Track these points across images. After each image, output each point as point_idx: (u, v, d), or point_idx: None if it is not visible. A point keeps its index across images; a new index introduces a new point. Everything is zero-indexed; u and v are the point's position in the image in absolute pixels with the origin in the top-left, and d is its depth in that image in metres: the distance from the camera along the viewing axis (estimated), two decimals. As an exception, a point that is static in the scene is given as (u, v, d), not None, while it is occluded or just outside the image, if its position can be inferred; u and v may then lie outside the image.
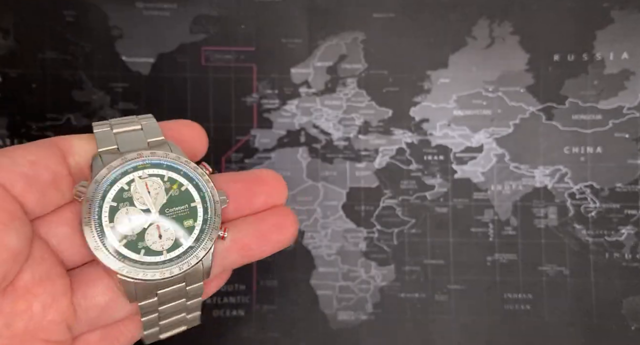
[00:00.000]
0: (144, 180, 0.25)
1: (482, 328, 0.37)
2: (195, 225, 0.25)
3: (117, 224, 0.24)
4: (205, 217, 0.25)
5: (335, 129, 0.38)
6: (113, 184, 0.25)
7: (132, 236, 0.24)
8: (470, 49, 0.38)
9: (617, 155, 0.37)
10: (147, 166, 0.25)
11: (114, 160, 0.25)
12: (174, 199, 0.25)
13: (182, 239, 0.25)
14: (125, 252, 0.24)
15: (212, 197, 0.26)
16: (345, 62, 0.39)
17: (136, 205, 0.25)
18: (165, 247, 0.24)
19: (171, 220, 0.25)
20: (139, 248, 0.24)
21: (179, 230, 0.25)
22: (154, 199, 0.25)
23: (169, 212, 0.25)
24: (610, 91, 0.38)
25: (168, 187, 0.25)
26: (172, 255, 0.25)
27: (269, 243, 0.27)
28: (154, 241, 0.24)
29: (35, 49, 0.37)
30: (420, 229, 0.38)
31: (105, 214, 0.24)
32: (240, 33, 0.38)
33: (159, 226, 0.25)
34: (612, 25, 0.38)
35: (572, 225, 0.37)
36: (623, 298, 0.37)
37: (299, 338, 0.37)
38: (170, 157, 0.26)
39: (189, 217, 0.25)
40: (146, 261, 0.24)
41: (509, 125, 0.38)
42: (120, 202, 0.24)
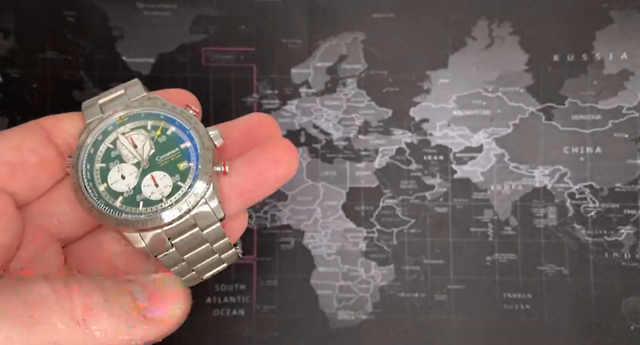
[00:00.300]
0: (128, 136, 0.25)
1: (482, 328, 0.37)
2: (191, 165, 0.24)
3: (112, 184, 0.24)
4: (197, 153, 0.25)
5: (335, 129, 0.38)
6: (98, 146, 0.24)
7: (128, 192, 0.24)
8: (470, 49, 0.38)
9: (617, 155, 0.37)
10: (125, 120, 0.25)
11: (92, 123, 0.25)
12: (162, 145, 0.25)
13: (180, 182, 0.24)
14: (124, 208, 0.24)
15: (197, 132, 0.25)
16: (345, 63, 0.39)
17: (126, 162, 0.24)
18: (165, 194, 0.24)
19: (165, 166, 0.24)
20: (137, 201, 0.24)
21: (175, 174, 0.24)
22: (142, 151, 0.24)
23: (160, 159, 0.24)
24: (610, 91, 0.38)
25: (153, 136, 0.25)
26: (172, 200, 0.24)
27: (266, 181, 0.26)
28: (152, 191, 0.24)
29: (35, 49, 0.37)
30: (420, 228, 0.38)
31: (96, 175, 0.24)
32: (240, 33, 0.38)
33: (154, 176, 0.24)
34: (611, 25, 0.38)
35: (572, 225, 0.37)
36: (622, 298, 0.37)
37: (299, 338, 0.37)
38: (145, 105, 0.25)
39: (182, 159, 0.24)
40: (146, 211, 0.24)
41: (508, 125, 0.38)
42: (110, 162, 0.24)
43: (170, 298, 0.22)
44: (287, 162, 0.26)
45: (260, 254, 0.38)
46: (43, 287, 0.19)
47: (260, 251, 0.38)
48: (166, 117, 0.25)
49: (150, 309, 0.22)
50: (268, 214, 0.38)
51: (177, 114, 0.25)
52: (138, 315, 0.21)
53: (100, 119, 0.25)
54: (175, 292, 0.22)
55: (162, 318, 0.22)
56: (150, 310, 0.22)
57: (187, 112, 0.25)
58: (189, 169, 0.24)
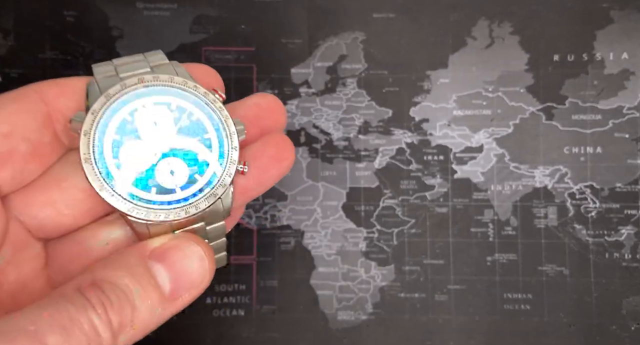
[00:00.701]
0: (149, 109, 0.22)
1: (482, 328, 0.37)
2: (210, 158, 0.23)
3: (123, 161, 0.22)
4: (222, 150, 0.23)
5: (335, 129, 0.38)
6: (113, 114, 0.22)
7: (140, 173, 0.22)
8: (470, 49, 0.38)
9: (617, 155, 0.37)
10: (151, 93, 0.23)
11: (111, 87, 0.22)
12: (184, 130, 0.23)
13: (197, 175, 0.23)
14: (134, 191, 0.22)
15: (227, 128, 0.23)
16: (345, 62, 0.39)
17: (142, 139, 0.22)
18: (179, 184, 0.22)
19: (183, 153, 0.22)
20: (150, 186, 0.22)
21: (192, 164, 0.23)
22: (162, 130, 0.22)
23: (180, 144, 0.22)
24: (610, 91, 0.38)
25: (177, 117, 0.23)
26: (187, 193, 0.22)
27: (269, 179, 0.25)
28: (165, 178, 0.22)
29: (35, 49, 0.37)
30: (420, 229, 0.38)
31: (107, 148, 0.22)
32: (240, 33, 0.38)
33: (170, 161, 0.22)
34: (611, 25, 0.38)
35: (572, 225, 0.37)
36: (623, 298, 0.37)
37: (299, 338, 0.37)
38: (176, 82, 0.23)
39: (203, 150, 0.23)
40: (158, 200, 0.22)
41: (508, 125, 0.38)
42: (124, 135, 0.22)
43: (195, 270, 0.21)
44: (289, 158, 0.25)
45: (260, 254, 0.38)
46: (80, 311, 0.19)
47: (260, 251, 0.38)
48: (196, 103, 0.23)
49: (177, 292, 0.21)
50: (268, 214, 0.38)
51: (209, 102, 0.23)
52: (165, 303, 0.21)
53: (116, 80, 0.22)
54: (199, 259, 0.22)
55: (189, 293, 0.21)
56: (177, 293, 0.21)
57: (218, 102, 0.23)
58: (209, 163, 0.23)
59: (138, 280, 0.20)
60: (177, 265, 0.21)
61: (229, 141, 0.23)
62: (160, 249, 0.21)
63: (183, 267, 0.21)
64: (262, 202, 0.38)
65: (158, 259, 0.21)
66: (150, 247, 0.21)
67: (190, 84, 0.23)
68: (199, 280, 0.22)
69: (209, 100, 0.23)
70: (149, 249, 0.21)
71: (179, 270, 0.21)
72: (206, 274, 0.22)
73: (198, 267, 0.22)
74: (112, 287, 0.19)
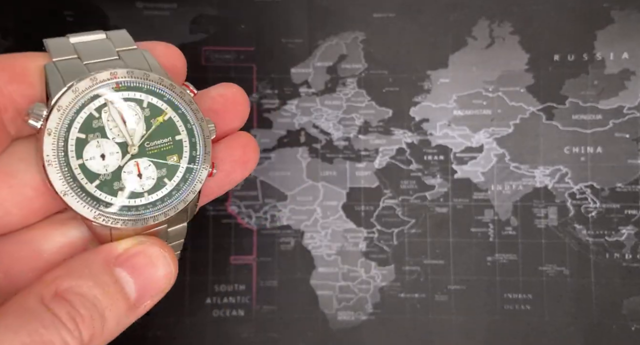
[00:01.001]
0: (119, 106, 0.21)
1: (482, 328, 0.37)
2: (181, 162, 0.21)
3: (87, 161, 0.20)
4: (193, 153, 0.22)
5: (335, 129, 0.38)
6: (80, 110, 0.20)
7: (106, 175, 0.20)
8: (470, 49, 0.38)
9: (618, 155, 0.37)
10: (123, 88, 0.21)
11: (81, 81, 0.20)
12: (155, 130, 0.21)
13: (166, 179, 0.21)
14: (99, 194, 0.20)
15: (201, 131, 0.22)
16: (345, 62, 0.39)
17: (109, 137, 0.20)
18: (146, 188, 0.21)
19: (152, 155, 0.21)
20: (115, 189, 0.20)
21: (161, 167, 0.21)
22: (132, 130, 0.21)
23: (149, 145, 0.21)
24: (611, 91, 0.37)
25: (148, 116, 0.21)
26: (154, 197, 0.21)
27: (232, 181, 0.24)
28: (132, 181, 0.21)
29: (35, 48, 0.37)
30: (420, 229, 0.38)
31: (71, 148, 0.20)
32: (240, 33, 0.38)
33: (138, 163, 0.21)
34: (612, 25, 0.38)
35: (573, 226, 0.37)
36: (623, 298, 0.37)
37: (299, 338, 0.37)
38: (151, 79, 0.21)
39: (173, 152, 0.21)
40: (125, 205, 0.20)
41: (509, 125, 0.38)
42: (90, 133, 0.20)
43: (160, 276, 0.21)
44: (254, 160, 0.24)
45: (260, 254, 0.38)
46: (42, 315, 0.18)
47: (260, 251, 0.38)
48: (169, 102, 0.22)
49: (143, 299, 0.20)
50: (268, 214, 0.38)
51: (185, 102, 0.22)
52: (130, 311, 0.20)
53: (80, 67, 0.20)
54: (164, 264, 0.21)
55: (154, 298, 0.21)
56: (143, 300, 0.20)
57: (193, 103, 0.22)
58: (178, 166, 0.21)
59: (106, 291, 0.19)
60: (144, 273, 0.20)
61: (202, 145, 0.22)
62: (125, 255, 0.20)
63: (150, 274, 0.21)
64: (262, 202, 0.38)
65: (124, 266, 0.20)
66: (115, 252, 0.20)
67: (166, 82, 0.21)
68: (164, 287, 0.21)
69: (185, 101, 0.22)
70: (114, 255, 0.20)
71: (145, 278, 0.20)
72: (171, 279, 0.21)
73: (164, 273, 0.21)
74: (82, 300, 0.19)
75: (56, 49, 0.21)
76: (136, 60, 0.21)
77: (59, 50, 0.20)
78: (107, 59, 0.21)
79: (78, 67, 0.20)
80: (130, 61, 0.21)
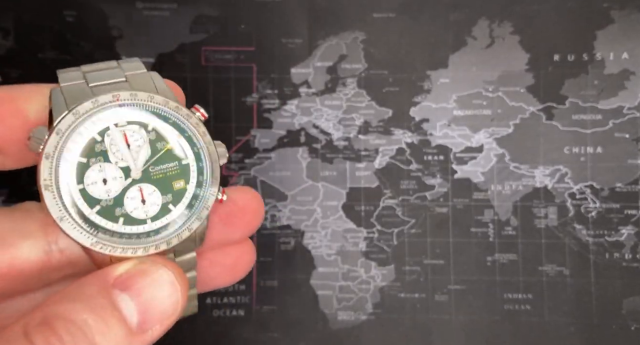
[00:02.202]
0: (122, 129, 0.20)
1: (482, 328, 0.37)
2: (187, 188, 0.20)
3: (88, 186, 0.19)
4: (200, 179, 0.21)
5: (335, 129, 0.38)
6: (81, 133, 0.20)
7: (107, 201, 0.20)
8: (470, 49, 0.38)
9: (617, 155, 0.37)
10: (126, 111, 0.20)
11: (82, 103, 0.19)
12: (161, 155, 0.20)
13: (171, 205, 0.20)
14: (98, 221, 0.19)
15: (208, 155, 0.21)
16: (345, 62, 0.39)
17: (112, 162, 0.20)
18: (150, 215, 0.20)
19: (157, 180, 0.20)
20: (117, 216, 0.20)
21: (167, 193, 0.20)
22: (135, 154, 0.20)
23: (154, 170, 0.20)
24: (611, 91, 0.37)
25: (153, 139, 0.20)
26: (157, 224, 0.20)
27: (214, 286, 0.23)
28: (135, 207, 0.20)
29: (35, 48, 0.37)
30: (420, 229, 0.38)
31: (72, 173, 0.19)
32: (240, 33, 0.38)
33: (142, 188, 0.20)
34: (612, 25, 0.38)
35: (572, 226, 0.37)
36: (623, 298, 0.37)
37: (299, 338, 0.37)
38: (156, 101, 0.20)
39: (179, 177, 0.20)
40: (126, 232, 0.20)
41: (509, 125, 0.38)
42: (92, 157, 0.20)
43: (165, 299, 0.19)
44: (245, 271, 0.24)
45: (260, 254, 0.38)
46: None
47: (260, 251, 0.38)
48: (175, 124, 0.21)
49: (145, 325, 0.19)
50: (268, 214, 0.38)
51: (192, 125, 0.21)
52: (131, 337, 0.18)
53: (84, 90, 0.20)
54: (170, 286, 0.19)
55: (160, 324, 0.19)
56: (145, 326, 0.19)
57: (201, 126, 0.21)
58: (184, 191, 0.20)
59: (99, 314, 0.18)
60: (145, 294, 0.19)
61: (209, 170, 0.21)
62: (125, 276, 0.19)
63: (152, 295, 0.19)
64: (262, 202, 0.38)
65: (123, 288, 0.18)
66: (113, 274, 0.19)
67: (172, 105, 0.20)
68: (170, 310, 0.19)
69: (192, 124, 0.21)
70: (112, 277, 0.19)
71: (147, 299, 0.19)
72: (178, 301, 0.20)
73: (169, 294, 0.19)
74: (66, 324, 0.17)
75: (65, 76, 0.20)
76: (143, 82, 0.21)
77: (68, 77, 0.20)
78: (114, 81, 0.20)
79: (83, 91, 0.20)
80: (136, 83, 0.21)
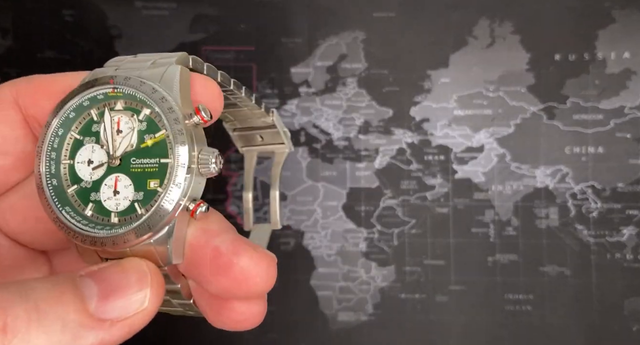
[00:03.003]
0: (117, 114, 0.19)
1: (483, 329, 0.37)
2: (159, 190, 0.18)
3: (77, 163, 0.19)
4: (177, 180, 0.19)
5: (335, 128, 0.38)
6: (81, 111, 0.19)
7: (87, 183, 0.19)
8: (471, 49, 0.38)
9: (619, 155, 0.37)
10: (120, 95, 0.19)
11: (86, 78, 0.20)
12: (145, 147, 0.19)
13: (138, 205, 0.18)
14: (73, 200, 0.19)
15: (195, 160, 0.19)
16: (346, 62, 0.38)
17: (101, 146, 0.19)
18: (119, 209, 0.19)
19: (135, 174, 0.19)
20: (89, 199, 0.19)
21: (139, 190, 0.19)
22: (121, 141, 0.19)
23: (135, 162, 0.19)
24: (612, 91, 0.37)
25: (143, 130, 0.19)
26: (120, 221, 0.19)
27: None
28: (108, 196, 0.19)
29: (34, 48, 0.37)
30: (421, 229, 0.38)
31: (66, 146, 0.19)
32: (240, 32, 0.38)
33: (118, 178, 0.19)
34: (613, 24, 0.38)
35: (574, 226, 0.37)
36: (625, 299, 0.37)
37: (299, 339, 0.37)
38: (143, 90, 0.19)
39: (156, 176, 0.19)
40: (92, 220, 0.19)
41: (509, 125, 0.38)
42: (87, 136, 0.19)
43: (132, 286, 0.17)
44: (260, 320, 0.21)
45: (259, 254, 0.37)
46: None
47: (259, 252, 0.37)
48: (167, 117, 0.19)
49: (105, 309, 0.16)
50: (268, 214, 0.38)
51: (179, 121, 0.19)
52: (87, 320, 0.16)
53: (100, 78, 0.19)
54: (139, 277, 0.17)
55: (122, 315, 0.17)
56: (105, 310, 0.16)
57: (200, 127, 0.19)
58: (155, 193, 0.18)
59: (54, 286, 0.16)
60: (110, 278, 0.17)
61: (191, 176, 0.18)
62: (96, 268, 0.18)
63: (116, 280, 0.17)
64: (262, 202, 0.38)
65: (89, 274, 0.17)
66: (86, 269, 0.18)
67: (158, 95, 0.19)
68: (136, 304, 0.17)
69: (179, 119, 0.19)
70: (84, 270, 0.18)
71: (110, 283, 0.17)
72: (146, 296, 0.17)
73: (137, 281, 0.17)
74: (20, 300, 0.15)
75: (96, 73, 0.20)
76: (156, 71, 0.19)
77: (104, 69, 0.20)
78: (137, 69, 0.20)
79: (103, 75, 0.19)
80: (150, 72, 0.20)
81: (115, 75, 0.19)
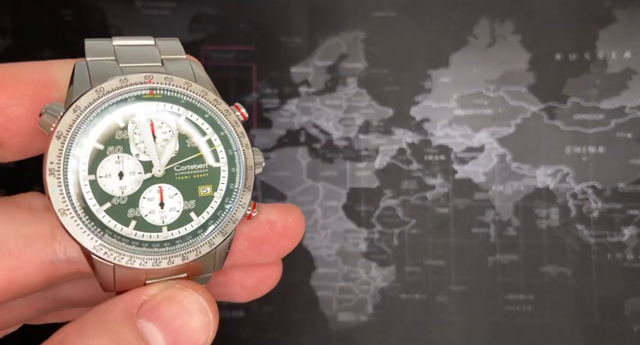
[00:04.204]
0: (150, 118, 0.17)
1: (484, 329, 0.37)
2: (215, 196, 0.18)
3: (101, 178, 0.17)
4: (231, 186, 0.18)
5: (336, 128, 0.38)
6: (103, 115, 0.17)
7: (120, 198, 0.17)
8: (471, 48, 0.38)
9: (619, 155, 0.37)
10: (158, 97, 0.17)
11: (108, 80, 0.17)
12: (188, 153, 0.18)
13: (193, 213, 0.18)
14: (107, 221, 0.17)
15: (244, 160, 0.18)
16: (346, 61, 0.38)
17: (132, 154, 0.17)
18: (167, 222, 0.17)
19: (181, 182, 0.17)
20: (129, 218, 0.17)
21: (190, 198, 0.18)
22: (161, 148, 0.17)
23: (179, 170, 0.17)
24: (613, 91, 0.37)
25: (183, 134, 0.18)
26: (174, 234, 0.17)
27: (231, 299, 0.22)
28: (151, 210, 0.17)
29: (33, 48, 0.37)
30: (421, 229, 0.38)
31: (84, 159, 0.16)
32: (240, 32, 0.38)
33: (162, 189, 0.17)
34: (614, 24, 0.37)
35: (574, 226, 0.37)
36: (625, 299, 0.36)
37: (299, 339, 0.37)
38: (193, 90, 0.18)
39: (207, 182, 0.18)
40: (136, 239, 0.17)
41: (510, 125, 0.38)
42: (110, 146, 0.17)
43: (196, 330, 0.17)
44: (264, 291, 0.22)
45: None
46: None
47: (259, 252, 0.37)
48: (211, 120, 0.18)
49: None
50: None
51: (230, 124, 0.18)
52: None
53: (114, 69, 0.17)
54: (202, 317, 0.17)
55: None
56: None
57: (239, 126, 0.18)
58: (210, 198, 0.18)
59: (110, 331, 0.16)
60: (175, 323, 0.17)
61: (243, 177, 0.18)
62: (151, 303, 0.17)
63: (182, 324, 0.17)
64: (262, 202, 0.38)
65: (149, 317, 0.16)
66: (138, 301, 0.17)
67: (210, 97, 0.18)
68: (202, 340, 0.17)
69: (230, 122, 0.18)
70: (136, 304, 0.17)
71: (177, 330, 0.17)
72: (210, 327, 0.18)
73: (200, 322, 0.17)
74: None
75: (93, 49, 0.18)
76: (181, 69, 0.18)
77: (96, 51, 0.18)
78: (148, 64, 0.18)
79: (112, 69, 0.17)
80: (173, 69, 0.18)
81: (152, 75, 0.17)
